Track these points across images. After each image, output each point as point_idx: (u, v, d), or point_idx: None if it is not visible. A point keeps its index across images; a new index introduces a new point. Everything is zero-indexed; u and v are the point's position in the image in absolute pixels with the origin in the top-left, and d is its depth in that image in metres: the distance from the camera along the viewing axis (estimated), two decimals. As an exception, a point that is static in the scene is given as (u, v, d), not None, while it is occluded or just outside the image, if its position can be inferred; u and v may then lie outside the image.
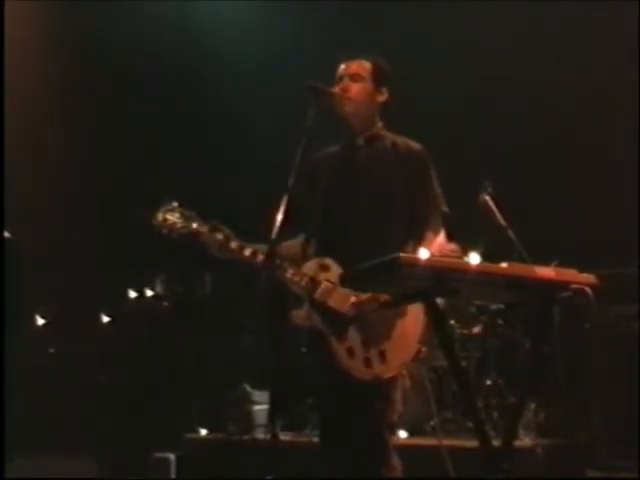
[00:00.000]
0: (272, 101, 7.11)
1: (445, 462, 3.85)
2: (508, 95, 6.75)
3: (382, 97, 3.78)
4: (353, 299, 3.48)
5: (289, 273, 3.56)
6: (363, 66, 3.76)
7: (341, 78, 3.75)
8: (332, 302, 3.54)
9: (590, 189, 6.35)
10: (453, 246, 4.17)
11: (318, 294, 3.55)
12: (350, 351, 3.50)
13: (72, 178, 7.67)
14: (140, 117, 7.71)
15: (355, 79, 3.73)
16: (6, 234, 5.76)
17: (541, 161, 6.63)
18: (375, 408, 3.50)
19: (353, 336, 3.51)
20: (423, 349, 3.55)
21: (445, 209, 3.70)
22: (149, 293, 7.48)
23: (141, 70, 7.73)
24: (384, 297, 3.17)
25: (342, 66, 3.77)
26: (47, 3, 7.63)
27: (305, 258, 3.64)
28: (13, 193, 6.40)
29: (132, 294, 7.49)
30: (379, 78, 3.77)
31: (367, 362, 3.48)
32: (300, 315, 3.59)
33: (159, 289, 7.50)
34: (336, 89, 3.70)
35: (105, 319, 7.43)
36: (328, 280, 3.56)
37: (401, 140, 3.78)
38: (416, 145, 3.76)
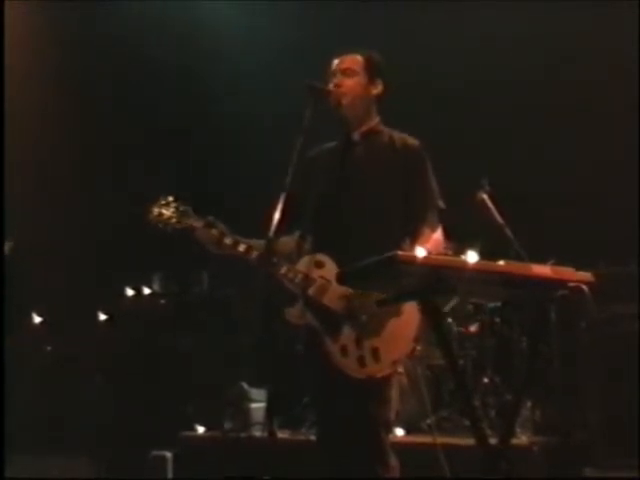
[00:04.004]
0: (272, 101, 7.10)
1: (440, 461, 3.85)
2: (508, 94, 6.74)
3: (377, 90, 3.76)
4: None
5: (283, 270, 3.55)
6: (356, 60, 3.74)
7: (334, 74, 3.73)
8: (326, 300, 3.53)
9: (588, 187, 6.35)
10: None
11: (312, 291, 3.54)
12: (344, 349, 3.49)
13: (71, 178, 7.68)
14: (140, 117, 7.71)
15: (348, 74, 3.72)
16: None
17: (538, 159, 6.63)
18: (370, 407, 3.49)
19: (347, 334, 3.50)
20: (418, 348, 3.54)
21: (441, 205, 3.68)
22: (146, 291, 7.48)
23: (141, 70, 7.73)
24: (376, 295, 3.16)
25: (335, 61, 3.76)
26: (47, 3, 7.63)
27: (300, 255, 3.63)
28: (13, 193, 6.41)
29: (129, 292, 7.49)
30: (373, 71, 3.75)
31: (360, 361, 3.47)
32: (294, 313, 3.57)
33: (156, 287, 7.50)
34: (330, 86, 3.70)
35: (102, 317, 7.43)
36: (323, 277, 3.54)
37: (398, 136, 3.76)
38: (413, 140, 3.74)
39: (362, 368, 3.47)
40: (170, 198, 3.74)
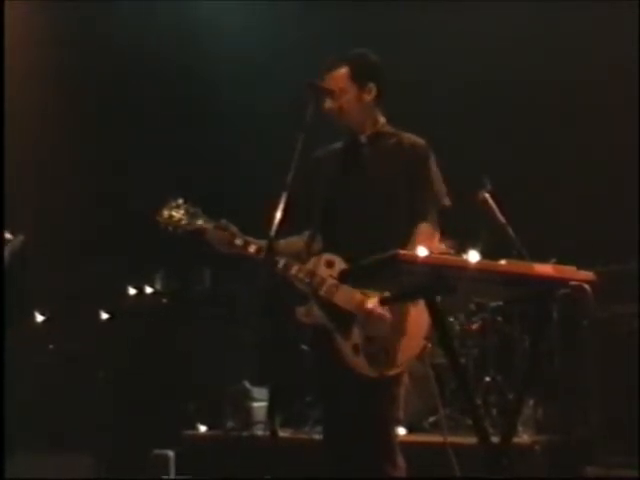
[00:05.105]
0: (272, 101, 7.11)
1: (450, 458, 3.86)
2: (508, 94, 6.75)
3: (370, 95, 3.70)
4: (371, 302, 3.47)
5: (294, 270, 3.56)
6: (339, 76, 3.67)
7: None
8: (337, 299, 3.53)
9: (589, 186, 6.36)
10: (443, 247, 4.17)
11: (323, 291, 3.54)
12: (355, 348, 3.50)
13: (72, 177, 7.69)
14: (140, 116, 7.72)
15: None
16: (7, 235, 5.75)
17: (540, 158, 6.64)
18: (380, 405, 3.50)
19: (358, 333, 3.50)
20: (429, 345, 3.56)
21: (447, 202, 3.67)
22: (148, 290, 7.49)
23: (141, 70, 7.74)
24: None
25: (324, 77, 3.70)
26: (47, 3, 7.63)
27: (310, 254, 3.62)
28: (13, 192, 6.41)
29: (131, 291, 7.50)
30: (361, 77, 3.68)
31: (372, 359, 3.48)
32: (305, 312, 3.58)
33: (158, 285, 7.52)
34: (327, 103, 3.67)
35: (104, 316, 7.44)
36: (333, 276, 3.54)
37: (406, 136, 3.74)
38: (419, 141, 3.72)
39: (373, 367, 3.47)
40: (180, 200, 3.74)
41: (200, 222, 3.70)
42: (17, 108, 7.02)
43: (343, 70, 3.68)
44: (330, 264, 3.59)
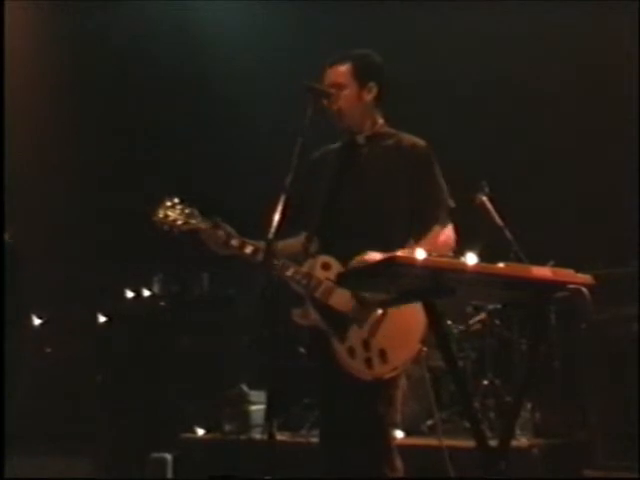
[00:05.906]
0: (272, 101, 7.11)
1: (445, 461, 3.85)
2: (508, 95, 6.75)
3: (371, 94, 3.70)
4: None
5: (290, 271, 3.55)
6: (342, 72, 3.67)
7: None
8: (333, 302, 3.53)
9: (588, 189, 6.36)
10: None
11: (319, 293, 3.54)
12: (351, 351, 3.49)
13: (72, 178, 7.69)
14: (140, 117, 7.72)
15: (336, 89, 3.66)
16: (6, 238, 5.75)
17: (538, 161, 6.64)
18: (377, 408, 3.49)
19: (354, 336, 3.50)
20: (424, 349, 3.54)
21: (451, 204, 3.65)
22: (146, 293, 7.48)
23: (141, 70, 7.74)
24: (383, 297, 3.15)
25: (325, 73, 3.71)
26: (47, 4, 7.64)
27: (307, 256, 3.61)
28: (13, 193, 6.41)
29: (129, 294, 7.49)
30: (363, 75, 3.68)
31: (368, 362, 3.47)
32: (301, 314, 3.58)
33: (156, 289, 7.50)
34: (325, 102, 3.66)
35: (102, 319, 7.43)
36: (329, 279, 3.53)
37: (406, 137, 3.72)
38: (419, 141, 3.70)
39: (369, 370, 3.47)
40: (176, 200, 3.70)
41: (195, 222, 3.66)
42: (17, 108, 7.03)
43: (346, 66, 3.68)
44: (326, 266, 3.58)
